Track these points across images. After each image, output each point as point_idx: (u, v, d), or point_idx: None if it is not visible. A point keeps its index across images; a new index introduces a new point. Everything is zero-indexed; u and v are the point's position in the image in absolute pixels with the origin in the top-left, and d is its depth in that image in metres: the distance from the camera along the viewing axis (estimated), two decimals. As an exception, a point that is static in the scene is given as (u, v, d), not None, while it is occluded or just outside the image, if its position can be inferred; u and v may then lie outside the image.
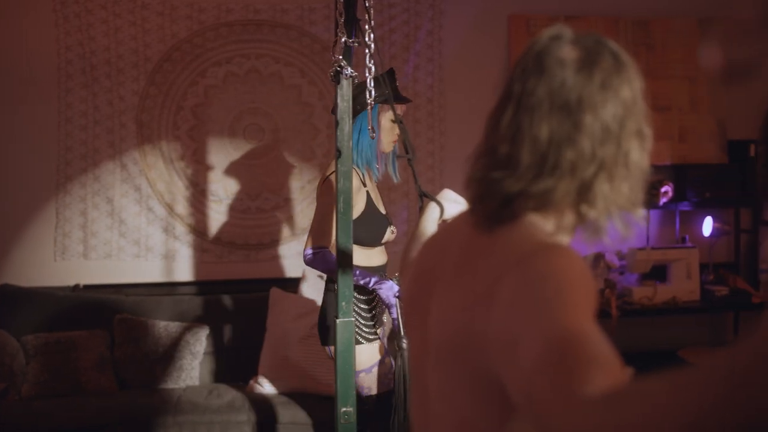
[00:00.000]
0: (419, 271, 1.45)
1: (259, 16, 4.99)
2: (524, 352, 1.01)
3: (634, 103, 1.25)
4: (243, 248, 5.03)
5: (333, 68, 2.48)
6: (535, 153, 1.22)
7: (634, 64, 1.29)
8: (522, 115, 1.24)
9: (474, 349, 1.16)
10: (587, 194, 1.22)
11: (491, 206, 1.26)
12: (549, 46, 1.25)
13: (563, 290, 1.06)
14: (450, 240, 1.39)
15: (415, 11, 5.15)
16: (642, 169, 1.26)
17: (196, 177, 4.96)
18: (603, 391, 0.87)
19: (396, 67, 5.10)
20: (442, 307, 1.29)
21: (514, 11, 5.24)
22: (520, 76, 1.27)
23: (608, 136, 1.21)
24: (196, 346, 4.50)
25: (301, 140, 5.05)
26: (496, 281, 1.15)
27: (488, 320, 1.13)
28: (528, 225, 1.23)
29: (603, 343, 0.98)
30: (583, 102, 1.21)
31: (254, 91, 4.99)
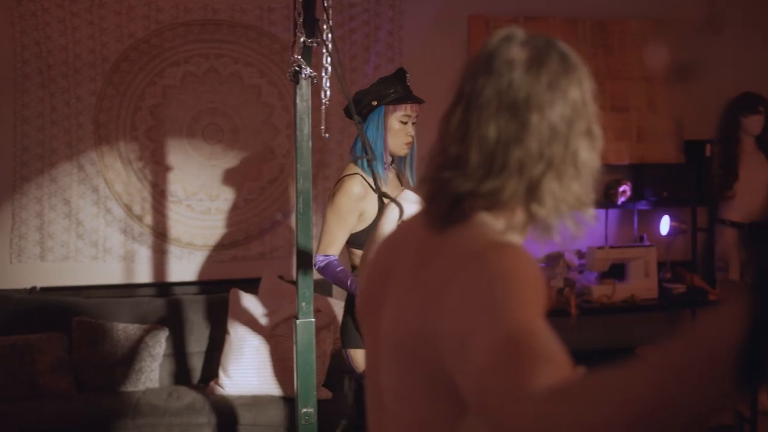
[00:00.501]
0: (374, 271, 1.45)
1: (217, 15, 4.96)
2: (475, 351, 1.01)
3: (584, 103, 1.26)
4: (203, 249, 5.00)
5: (292, 68, 2.48)
6: (483, 153, 1.22)
7: (585, 65, 1.30)
8: (471, 115, 1.25)
9: (427, 348, 1.16)
10: (536, 193, 1.23)
11: (442, 206, 1.27)
12: (499, 47, 1.26)
13: (513, 289, 1.07)
14: (404, 240, 1.40)
15: (375, 11, 5.15)
16: (592, 168, 1.27)
17: (154, 178, 4.92)
18: (552, 387, 0.88)
19: (356, 68, 5.12)
20: (395, 307, 1.29)
21: (474, 12, 5.26)
22: (470, 77, 1.28)
23: (556, 136, 1.22)
24: (156, 348, 4.46)
25: (260, 140, 5.03)
26: (447, 281, 1.15)
27: (440, 320, 1.13)
28: (479, 224, 1.24)
29: (552, 340, 0.99)
30: (530, 102, 1.21)
31: (213, 91, 4.97)
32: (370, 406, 1.43)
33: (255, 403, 4.18)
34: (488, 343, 1.00)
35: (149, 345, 4.44)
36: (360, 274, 1.62)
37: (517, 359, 0.95)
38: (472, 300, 1.09)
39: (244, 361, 4.31)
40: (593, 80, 1.31)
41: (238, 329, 4.37)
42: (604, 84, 5.39)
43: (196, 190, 4.97)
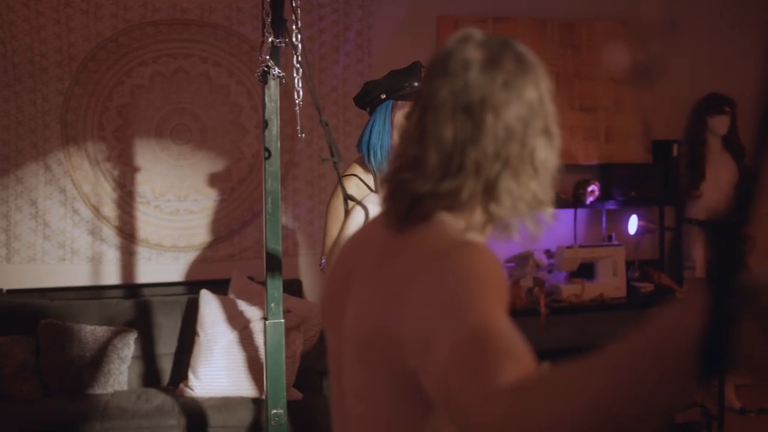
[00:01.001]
0: (338, 271, 1.45)
1: (186, 15, 4.93)
2: (438, 350, 1.02)
3: (541, 103, 1.26)
4: (172, 250, 4.97)
5: (260, 68, 2.47)
6: (440, 153, 1.23)
7: (543, 65, 1.30)
8: (427, 116, 1.26)
9: (391, 348, 1.16)
10: (494, 193, 1.23)
11: (401, 207, 1.28)
12: (455, 48, 1.27)
13: (475, 287, 1.08)
14: (367, 240, 1.40)
15: (345, 12, 5.15)
16: (550, 167, 1.28)
17: (123, 178, 4.88)
18: (516, 383, 0.89)
19: (325, 68, 5.11)
20: (358, 307, 1.29)
21: (443, 12, 5.27)
22: (427, 78, 1.29)
23: (512, 136, 1.22)
24: (124, 351, 4.42)
25: (229, 140, 5.01)
26: (409, 280, 1.15)
27: (403, 319, 1.13)
28: (440, 224, 1.24)
29: (515, 337, 1.00)
30: (485, 103, 1.22)
31: (181, 91, 4.94)
32: (334, 406, 1.43)
33: (225, 404, 4.16)
34: (451, 342, 1.00)
35: (118, 347, 4.40)
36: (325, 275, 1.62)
37: (481, 357, 0.96)
38: (435, 299, 1.09)
39: (213, 362, 4.29)
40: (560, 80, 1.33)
41: (208, 331, 4.35)
42: (572, 84, 5.42)
43: (164, 190, 4.93)
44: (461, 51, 1.26)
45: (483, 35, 1.30)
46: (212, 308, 4.43)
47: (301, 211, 5.14)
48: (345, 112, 5.15)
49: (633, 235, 5.53)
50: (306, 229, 5.16)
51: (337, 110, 5.15)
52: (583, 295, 5.14)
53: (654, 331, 0.77)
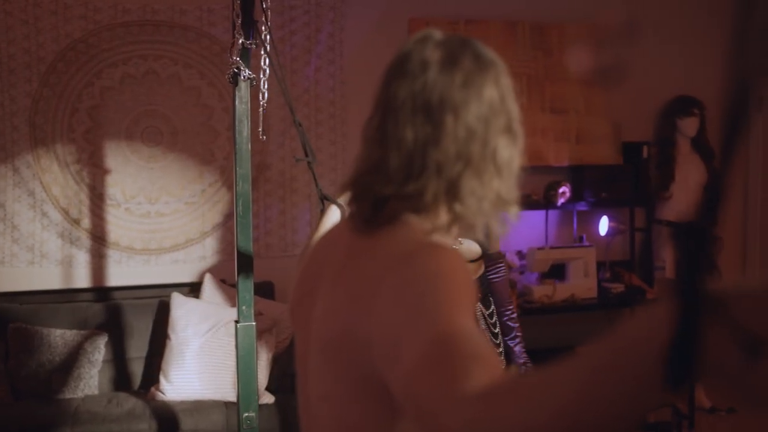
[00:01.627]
0: (307, 273, 1.45)
1: (156, 16, 4.90)
2: (405, 352, 1.01)
3: (502, 101, 1.26)
4: (143, 253, 4.93)
5: (231, 70, 2.46)
6: (401, 156, 1.23)
7: (502, 64, 1.30)
8: (388, 118, 1.25)
9: (358, 351, 1.16)
10: (457, 193, 1.23)
11: (366, 209, 1.27)
12: (414, 48, 1.27)
13: (442, 289, 1.07)
14: (335, 242, 1.39)
15: (316, 13, 5.14)
16: (513, 166, 1.28)
17: (93, 181, 4.84)
18: (483, 387, 0.88)
19: (296, 69, 5.10)
20: (325, 309, 1.28)
21: (415, 15, 5.28)
22: (387, 80, 1.29)
23: (472, 135, 1.22)
24: (95, 354, 4.39)
25: (200, 143, 4.98)
26: (377, 283, 1.15)
27: (370, 322, 1.13)
28: (406, 226, 1.24)
29: (482, 341, 0.99)
30: (444, 103, 1.22)
31: (152, 93, 4.90)
32: (301, 409, 1.42)
33: (196, 408, 4.14)
34: (419, 344, 0.99)
35: (88, 351, 4.36)
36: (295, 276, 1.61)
37: (448, 361, 0.95)
38: (402, 302, 1.09)
39: (185, 365, 4.27)
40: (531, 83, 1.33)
41: (179, 334, 4.32)
42: (543, 86, 5.45)
43: (135, 193, 4.90)
44: (419, 51, 1.26)
45: (442, 35, 1.29)
46: (184, 311, 4.40)
47: (273, 213, 5.12)
48: (317, 113, 5.15)
49: (604, 236, 5.57)
50: (278, 232, 5.14)
51: (309, 112, 5.14)
52: (554, 296, 5.17)
53: (621, 338, 0.77)
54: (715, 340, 0.67)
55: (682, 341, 0.68)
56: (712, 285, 0.69)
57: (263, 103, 2.51)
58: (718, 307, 0.67)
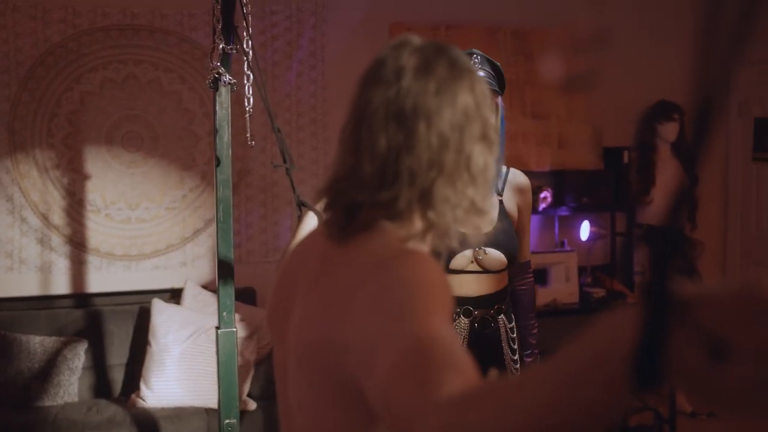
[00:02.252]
0: (284, 280, 1.44)
1: (137, 20, 4.88)
2: (381, 359, 1.01)
3: (477, 108, 1.26)
4: (123, 259, 4.90)
5: (211, 75, 2.45)
6: (374, 163, 1.23)
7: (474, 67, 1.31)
8: (362, 125, 1.25)
9: (334, 359, 1.15)
10: (430, 201, 1.23)
11: (340, 217, 1.27)
12: (389, 55, 1.27)
13: (417, 296, 1.07)
14: (311, 249, 1.39)
15: (297, 19, 5.13)
16: (488, 173, 1.28)
17: (72, 186, 4.81)
18: (457, 395, 0.88)
19: (278, 75, 5.09)
20: (302, 316, 1.28)
21: (396, 20, 5.28)
22: (362, 86, 1.29)
23: (446, 143, 1.22)
24: (75, 361, 4.35)
25: (181, 147, 4.96)
26: (353, 290, 1.15)
27: (346, 329, 1.12)
28: (381, 233, 1.23)
29: (458, 348, 0.99)
30: (417, 110, 1.21)
31: (132, 98, 4.87)
32: (281, 415, 1.41)
33: (177, 415, 4.11)
34: (394, 353, 0.99)
35: (68, 358, 4.33)
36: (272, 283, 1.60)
37: (424, 368, 0.95)
38: (378, 309, 1.08)
39: (166, 372, 4.24)
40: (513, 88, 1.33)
41: (160, 340, 4.30)
42: (524, 91, 5.46)
43: (115, 198, 4.87)
44: (394, 58, 1.26)
45: (420, 41, 1.29)
46: (164, 317, 4.38)
47: (254, 218, 5.11)
48: (298, 118, 5.13)
49: (585, 241, 5.58)
50: (259, 237, 5.12)
51: (291, 117, 5.13)
52: (536, 301, 5.17)
53: (589, 343, 0.77)
54: (680, 343, 0.67)
55: (648, 345, 0.68)
56: (678, 288, 0.68)
57: (249, 108, 2.50)
58: (684, 310, 0.67)
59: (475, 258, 2.64)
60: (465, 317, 2.65)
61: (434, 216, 1.23)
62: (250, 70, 2.46)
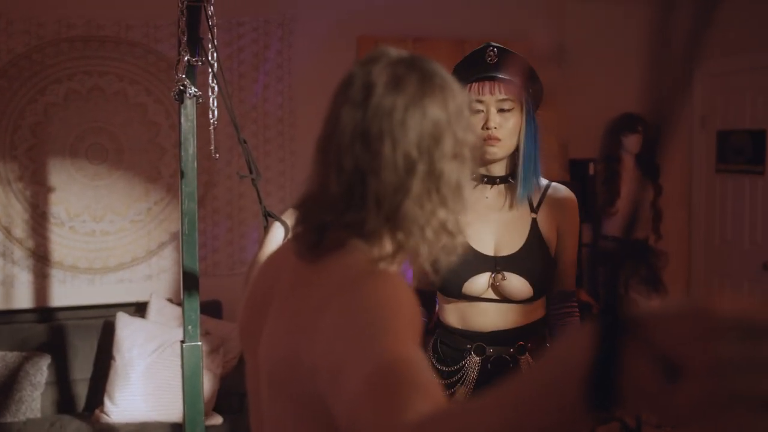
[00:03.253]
0: (254, 294, 1.42)
1: (102, 32, 4.84)
2: (348, 381, 1.01)
3: (449, 125, 1.22)
4: (87, 272, 4.84)
5: (176, 87, 2.44)
6: (341, 184, 1.20)
7: (452, 83, 1.27)
8: (331, 142, 1.23)
9: (303, 378, 1.15)
10: (399, 223, 1.20)
11: (311, 235, 1.25)
12: (359, 71, 1.24)
13: (385, 317, 1.06)
14: (282, 265, 1.37)
15: (264, 30, 5.12)
16: (460, 192, 1.25)
17: (35, 199, 4.74)
18: (422, 417, 0.88)
19: (244, 86, 5.07)
20: (272, 332, 1.27)
21: (363, 33, 5.29)
22: (333, 102, 1.26)
23: (413, 165, 1.19)
24: (37, 377, 4.29)
25: (147, 160, 4.92)
26: (322, 309, 1.14)
27: (315, 349, 1.12)
28: (352, 253, 1.22)
29: (425, 369, 0.99)
30: (382, 132, 1.19)
31: (97, 110, 4.83)
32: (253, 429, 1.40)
33: (142, 430, 4.07)
34: (361, 374, 0.99)
35: (30, 373, 4.26)
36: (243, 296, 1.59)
37: (390, 389, 0.95)
38: (346, 330, 1.08)
39: (130, 387, 4.19)
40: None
41: (125, 354, 4.25)
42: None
43: (79, 211, 4.81)
44: (364, 74, 1.23)
45: (395, 54, 1.26)
46: (129, 331, 4.33)
47: (220, 231, 5.07)
48: (265, 131, 5.12)
49: (552, 252, 5.60)
50: (226, 250, 5.09)
51: (257, 129, 5.11)
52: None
53: (546, 366, 0.77)
54: (633, 363, 0.67)
55: (602, 365, 0.68)
56: (631, 308, 0.68)
57: (213, 121, 2.48)
58: (636, 330, 0.67)
59: (491, 284, 2.30)
60: (476, 355, 2.28)
61: (403, 238, 1.22)
62: (215, 82, 2.45)
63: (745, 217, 5.79)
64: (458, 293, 2.31)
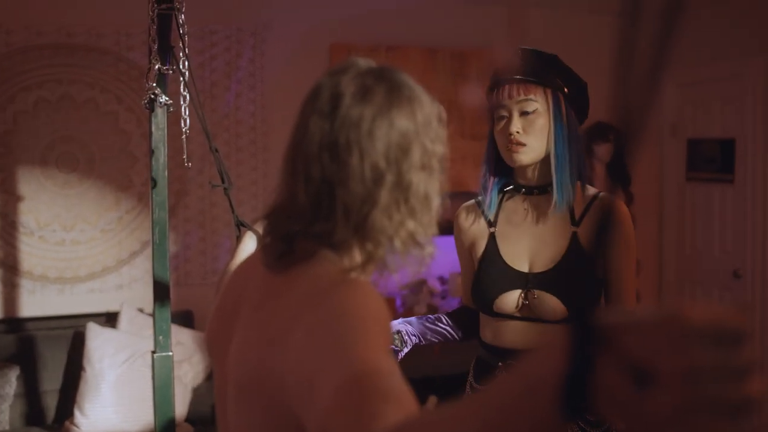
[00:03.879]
0: (223, 303, 1.41)
1: (72, 39, 4.80)
2: (320, 391, 1.00)
3: (417, 136, 1.23)
4: (57, 282, 4.79)
5: (147, 96, 2.42)
6: (309, 194, 1.20)
7: (421, 94, 1.27)
8: (299, 152, 1.22)
9: (273, 389, 1.14)
10: (367, 234, 1.20)
11: (279, 245, 1.24)
12: (328, 81, 1.24)
13: (356, 327, 1.06)
14: (252, 275, 1.36)
15: (237, 39, 5.10)
16: (429, 203, 1.25)
17: (4, 208, 4.69)
18: (393, 426, 0.88)
19: (216, 95, 5.05)
20: (241, 343, 1.26)
21: (336, 41, 5.29)
22: (301, 112, 1.26)
23: (380, 176, 1.19)
24: (5, 388, 4.23)
25: (118, 169, 4.88)
26: (292, 320, 1.13)
27: (286, 359, 1.11)
28: (323, 263, 1.21)
29: (397, 379, 0.98)
30: (350, 143, 1.18)
31: (67, 118, 4.78)
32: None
33: (113, 441, 4.03)
34: (332, 385, 0.98)
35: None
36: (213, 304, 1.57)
37: (361, 399, 0.94)
38: (317, 340, 1.07)
39: (101, 398, 4.15)
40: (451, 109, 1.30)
41: (95, 365, 4.21)
42: (463, 113, 5.50)
43: (49, 220, 4.76)
44: (333, 85, 1.22)
45: (365, 65, 1.26)
46: (100, 342, 4.29)
47: (192, 240, 5.04)
48: (237, 139, 5.09)
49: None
50: (198, 259, 5.06)
51: (230, 137, 5.09)
52: (477, 321, 5.18)
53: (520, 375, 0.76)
54: (606, 371, 0.67)
55: (575, 373, 0.68)
56: (604, 316, 0.69)
57: (185, 130, 2.46)
58: (608, 338, 0.67)
59: (521, 301, 2.19)
60: None
61: (372, 248, 1.21)
62: (187, 90, 2.43)
63: (715, 225, 5.83)
64: (490, 310, 2.24)
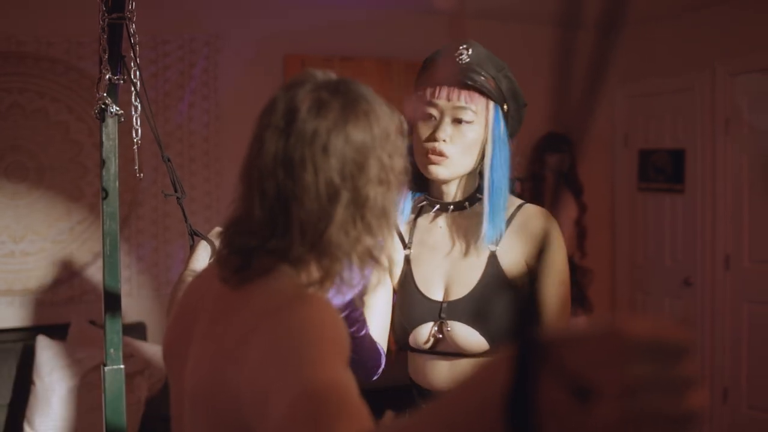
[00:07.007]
0: (178, 318, 1.40)
1: (22, 48, 4.72)
2: (274, 407, 0.99)
3: (373, 148, 1.22)
4: (6, 294, 4.70)
5: (97, 106, 2.39)
6: (264, 210, 1.19)
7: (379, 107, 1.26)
8: (254, 168, 1.22)
9: (228, 404, 1.13)
10: (324, 250, 1.20)
11: (235, 260, 1.23)
12: (283, 96, 1.23)
13: (311, 342, 1.05)
14: (208, 289, 1.35)
15: (190, 48, 5.07)
16: (386, 217, 1.25)
17: (-49, 219, 4.60)
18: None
19: (169, 105, 5.00)
20: (198, 357, 1.25)
21: (290, 51, 5.28)
22: (257, 125, 1.25)
23: (336, 191, 1.18)
24: (-48, 403, 4.15)
25: (68, 179, 4.81)
26: (247, 335, 1.12)
27: (241, 374, 1.10)
28: (279, 278, 1.21)
29: (352, 393, 0.98)
30: (304, 159, 1.17)
31: (16, 128, 4.70)
32: None
33: (63, 456, 3.96)
34: (287, 400, 0.98)
35: (-56, 400, 4.13)
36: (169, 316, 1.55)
37: (316, 414, 0.94)
38: (272, 354, 1.06)
39: (51, 413, 4.08)
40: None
41: (45, 379, 4.14)
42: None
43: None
44: (288, 99, 1.22)
45: (321, 78, 1.25)
46: (50, 355, 4.22)
47: (145, 251, 4.99)
48: (190, 150, 5.05)
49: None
50: (151, 270, 5.00)
51: (183, 148, 5.05)
52: (432, 331, 5.19)
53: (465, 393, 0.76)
54: (547, 387, 0.67)
55: (518, 390, 0.68)
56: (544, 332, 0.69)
57: (137, 140, 2.43)
58: (549, 353, 0.67)
59: (434, 335, 1.89)
60: None
61: (329, 264, 1.21)
62: (137, 101, 2.40)
63: (666, 234, 5.92)
64: (406, 345, 1.96)
